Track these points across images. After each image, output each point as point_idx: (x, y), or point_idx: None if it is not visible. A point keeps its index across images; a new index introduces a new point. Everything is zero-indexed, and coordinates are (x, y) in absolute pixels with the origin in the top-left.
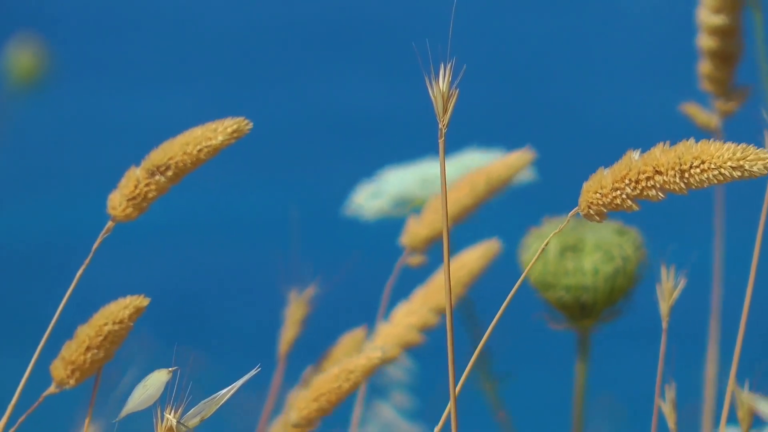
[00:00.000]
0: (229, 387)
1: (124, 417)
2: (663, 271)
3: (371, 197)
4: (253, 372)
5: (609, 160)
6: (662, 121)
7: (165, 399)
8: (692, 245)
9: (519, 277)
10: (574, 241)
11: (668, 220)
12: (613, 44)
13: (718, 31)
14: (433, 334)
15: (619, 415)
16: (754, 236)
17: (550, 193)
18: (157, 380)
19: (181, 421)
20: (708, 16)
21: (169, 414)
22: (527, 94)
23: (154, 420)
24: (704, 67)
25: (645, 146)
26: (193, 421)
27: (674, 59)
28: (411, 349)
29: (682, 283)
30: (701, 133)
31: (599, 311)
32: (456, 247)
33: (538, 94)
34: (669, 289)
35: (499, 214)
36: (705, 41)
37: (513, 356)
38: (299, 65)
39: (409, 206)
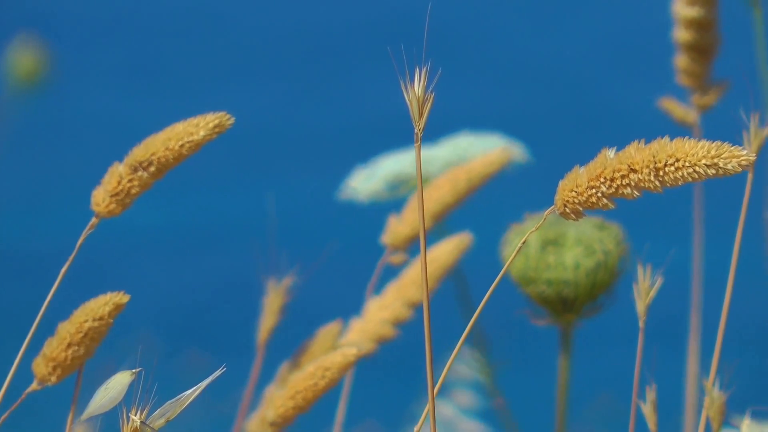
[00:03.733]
0: (194, 387)
1: (86, 419)
2: (639, 270)
3: (365, 180)
4: (218, 372)
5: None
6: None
7: (131, 400)
8: (673, 242)
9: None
10: (555, 235)
11: (649, 216)
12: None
13: (693, 24)
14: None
15: (603, 410)
16: (732, 233)
17: (543, 188)
18: (119, 382)
19: (147, 422)
20: (683, 8)
21: (135, 415)
22: (540, 94)
23: (120, 421)
24: (680, 60)
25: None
26: (159, 422)
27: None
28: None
29: (658, 282)
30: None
31: (581, 306)
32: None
33: (551, 94)
34: (645, 288)
35: (490, 207)
36: (680, 34)
37: (497, 352)
38: (309, 65)
39: (404, 188)
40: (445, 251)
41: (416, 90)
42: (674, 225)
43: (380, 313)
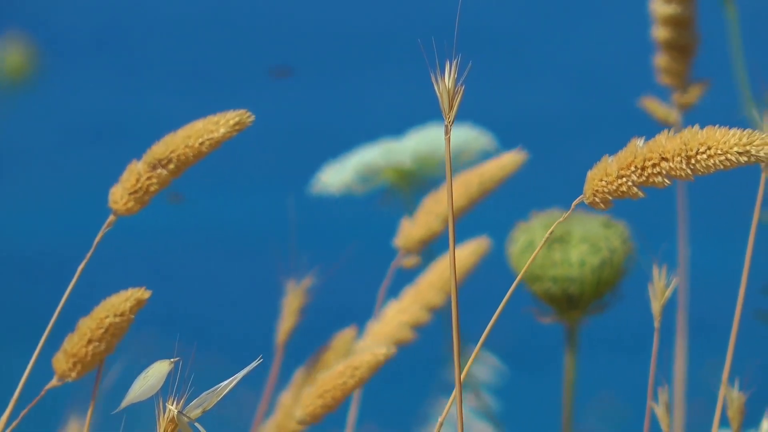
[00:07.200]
0: (231, 378)
1: (124, 407)
2: (655, 270)
3: (336, 173)
4: (254, 363)
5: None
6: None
7: (167, 390)
8: (663, 240)
9: (508, 271)
10: (560, 232)
11: (655, 217)
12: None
13: (671, 21)
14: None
15: (609, 408)
16: (716, 230)
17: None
18: (158, 371)
19: (183, 412)
20: (660, 5)
21: (171, 405)
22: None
23: (156, 411)
24: (660, 59)
25: None
26: (195, 412)
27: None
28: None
29: (674, 281)
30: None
31: (587, 303)
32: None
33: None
34: (661, 288)
35: (492, 209)
36: (659, 32)
37: (503, 350)
38: (330, 68)
39: (375, 180)
40: (463, 255)
41: (446, 82)
42: (660, 223)
43: (398, 316)
